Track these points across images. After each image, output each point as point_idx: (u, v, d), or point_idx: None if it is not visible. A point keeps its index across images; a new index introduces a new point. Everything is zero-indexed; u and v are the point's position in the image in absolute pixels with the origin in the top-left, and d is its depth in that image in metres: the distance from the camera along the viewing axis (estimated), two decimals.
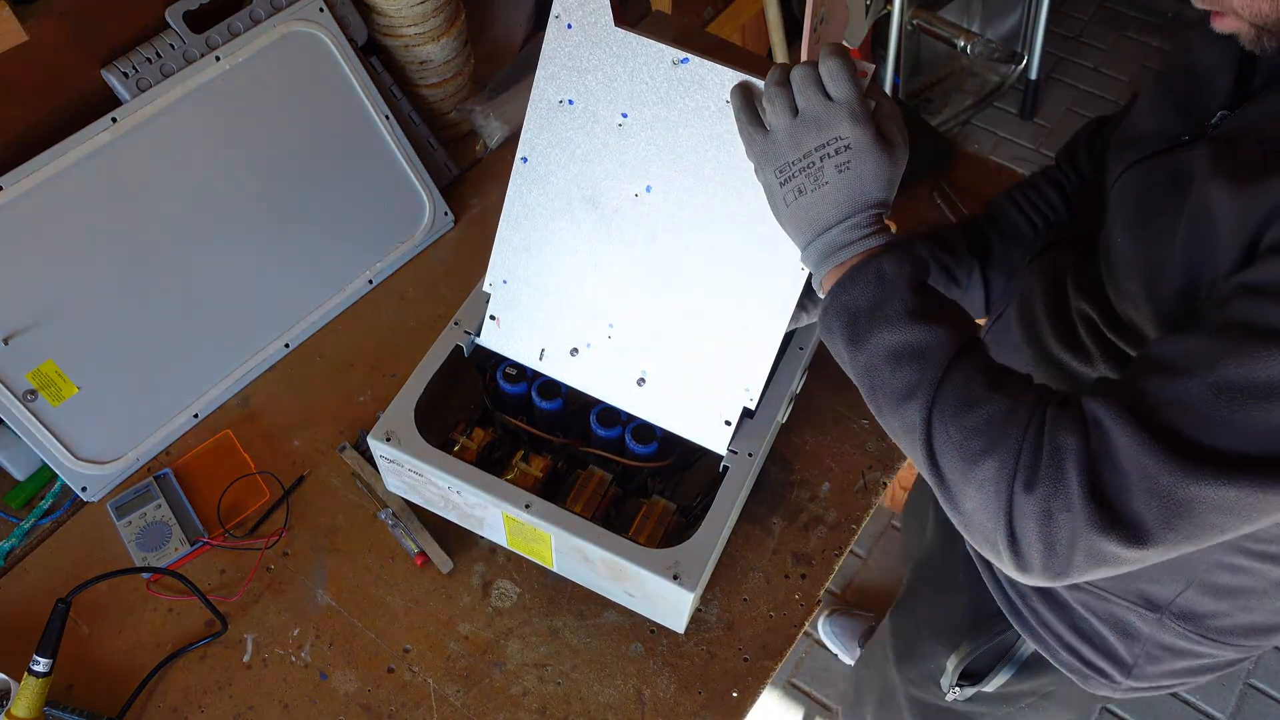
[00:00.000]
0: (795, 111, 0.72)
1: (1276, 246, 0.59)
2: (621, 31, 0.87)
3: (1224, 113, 0.72)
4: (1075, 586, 0.86)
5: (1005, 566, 0.64)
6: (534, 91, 0.90)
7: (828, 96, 0.71)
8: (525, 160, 0.93)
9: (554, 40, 0.88)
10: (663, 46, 0.86)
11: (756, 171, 0.76)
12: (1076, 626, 0.88)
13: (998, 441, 0.63)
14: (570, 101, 0.89)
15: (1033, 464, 0.62)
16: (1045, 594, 0.89)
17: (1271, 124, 0.66)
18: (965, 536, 0.67)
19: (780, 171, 0.73)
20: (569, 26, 0.88)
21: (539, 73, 0.90)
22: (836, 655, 1.88)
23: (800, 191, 0.72)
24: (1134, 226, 0.75)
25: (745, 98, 0.76)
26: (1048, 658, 0.92)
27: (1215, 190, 0.65)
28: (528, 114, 0.91)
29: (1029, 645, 0.94)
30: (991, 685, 0.98)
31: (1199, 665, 0.88)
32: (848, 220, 0.71)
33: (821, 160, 0.71)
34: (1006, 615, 0.94)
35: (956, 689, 1.01)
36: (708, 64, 0.84)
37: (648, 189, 0.89)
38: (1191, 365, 0.60)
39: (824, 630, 1.90)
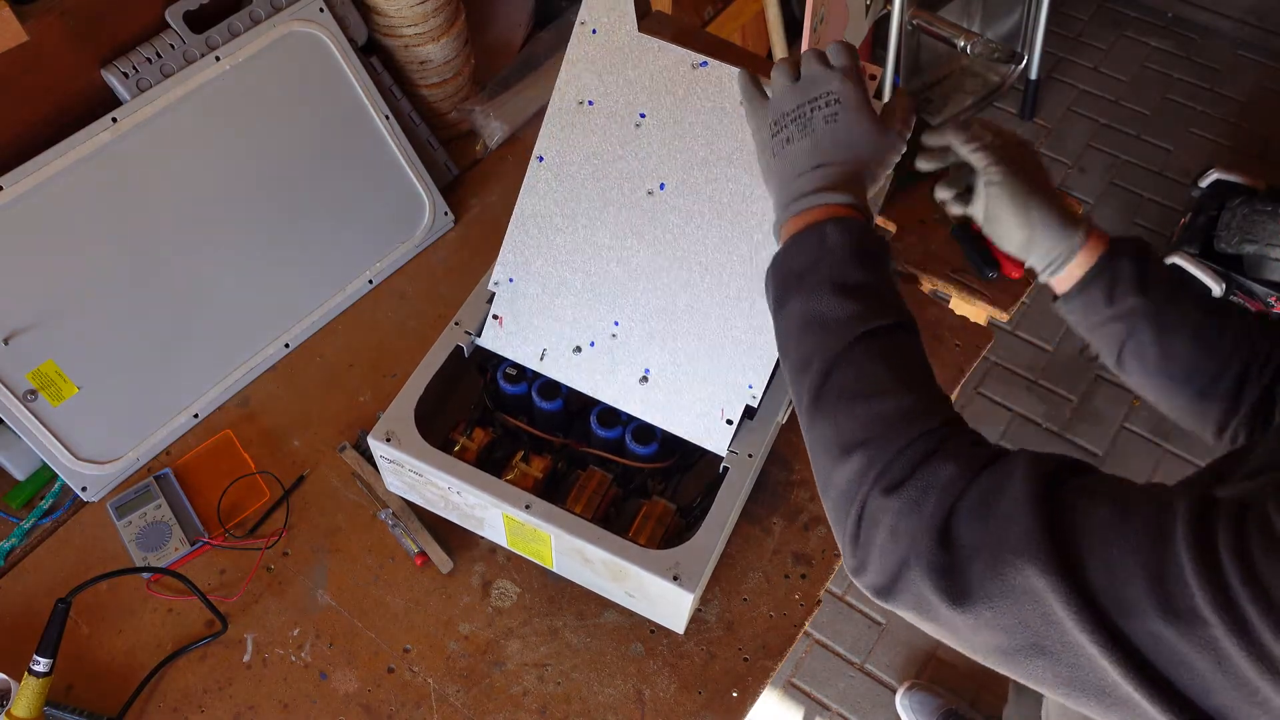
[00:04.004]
0: (797, 79, 0.76)
1: None
2: (644, 36, 0.91)
3: None
4: None
5: (845, 561, 0.63)
6: (555, 93, 0.93)
7: (829, 66, 0.75)
8: (541, 159, 0.95)
9: (578, 44, 0.92)
10: (684, 51, 0.90)
11: (754, 135, 0.79)
12: None
13: (878, 439, 0.61)
14: (590, 103, 0.92)
15: (901, 475, 0.59)
16: None
17: None
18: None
19: (775, 124, 0.76)
20: (594, 32, 0.92)
21: (561, 75, 0.92)
22: None
23: (789, 140, 0.75)
24: None
25: (751, 75, 0.81)
26: None
27: None
28: (547, 115, 0.93)
29: None
30: None
31: None
32: (820, 169, 0.72)
33: (813, 111, 0.74)
34: None
35: None
36: (726, 67, 0.87)
37: (661, 186, 0.91)
38: (1144, 499, 0.53)
39: (901, 704, 1.84)
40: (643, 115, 0.91)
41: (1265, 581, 0.48)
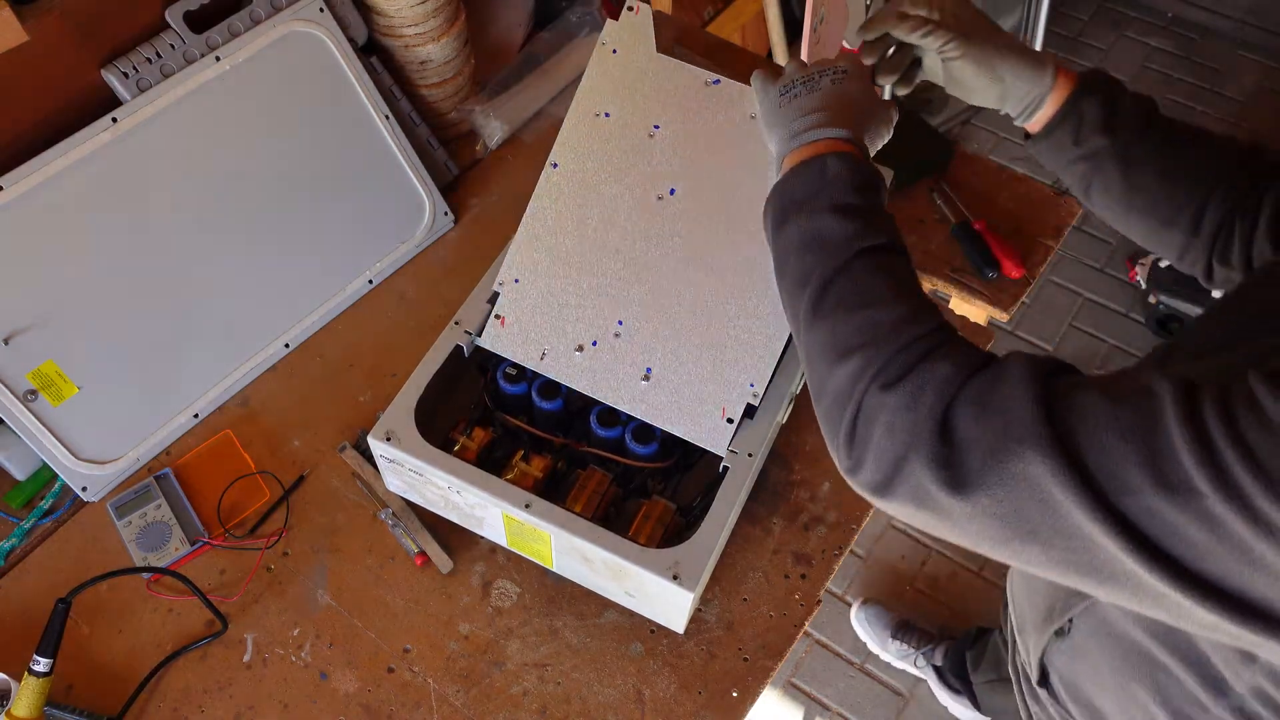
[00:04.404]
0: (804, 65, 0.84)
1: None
2: (662, 57, 0.99)
3: None
4: None
5: (840, 463, 0.65)
6: (573, 105, 0.99)
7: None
8: (555, 166, 0.98)
9: (598, 63, 0.99)
10: (699, 70, 0.97)
11: (761, 104, 0.84)
12: None
13: (874, 343, 0.64)
14: (607, 114, 0.98)
15: (899, 373, 0.62)
16: None
17: None
18: (823, 430, 0.68)
19: (784, 88, 0.82)
20: (614, 51, 0.99)
21: (580, 88, 0.99)
22: (868, 644, 1.88)
23: (796, 95, 0.80)
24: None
25: (766, 69, 0.87)
26: None
27: None
28: (564, 126, 0.98)
29: None
30: None
31: None
32: (824, 112, 0.78)
33: (820, 77, 0.81)
34: None
35: None
36: (737, 84, 0.95)
37: (671, 191, 0.95)
38: (1129, 389, 0.56)
39: (856, 618, 1.90)
40: (656, 127, 0.96)
41: (1255, 449, 0.51)
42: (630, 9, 1.01)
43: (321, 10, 1.15)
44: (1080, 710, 0.83)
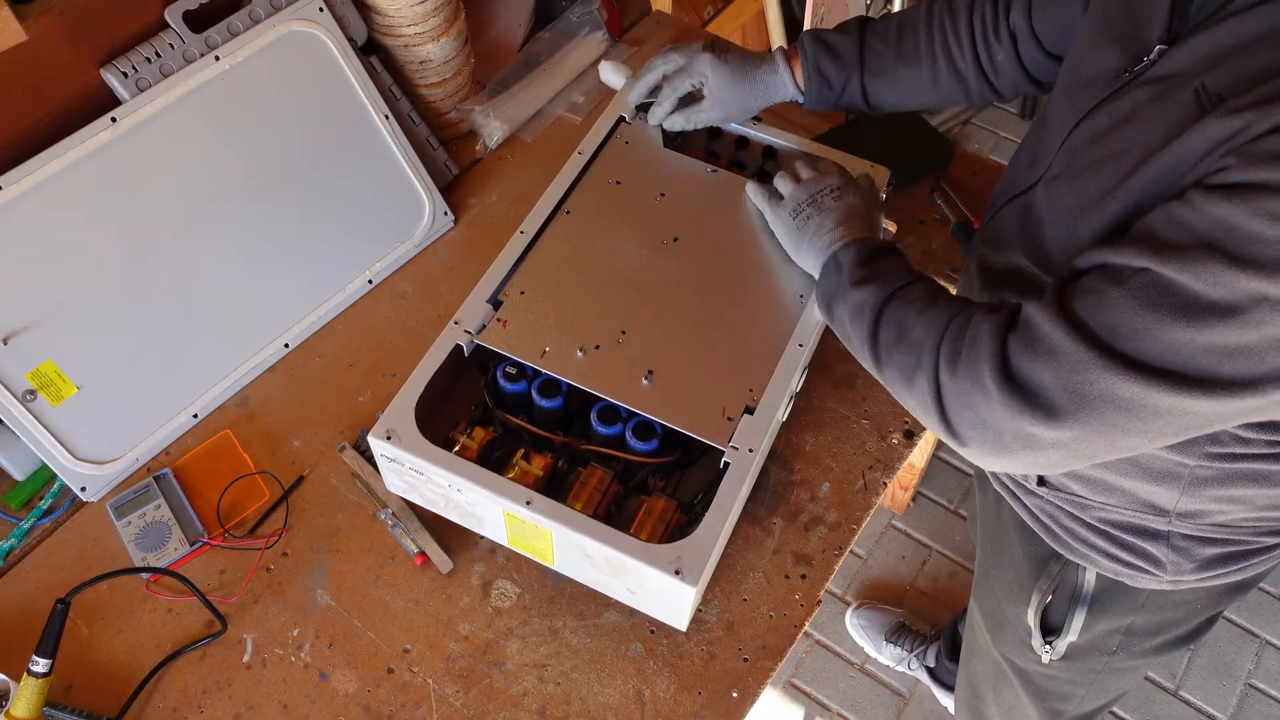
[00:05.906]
0: (798, 181, 1.01)
1: (1215, 184, 0.61)
2: (668, 151, 1.14)
3: (1161, 47, 0.71)
4: (1085, 506, 0.90)
5: (957, 449, 0.75)
6: (590, 172, 1.11)
7: (816, 170, 1.02)
8: (569, 213, 1.08)
9: (614, 149, 1.14)
10: (699, 162, 1.13)
11: (773, 222, 1.01)
12: (1107, 535, 0.91)
13: (922, 354, 0.77)
14: (618, 182, 1.11)
15: (951, 359, 0.74)
16: (1073, 516, 0.93)
17: (1207, 69, 0.66)
18: (931, 428, 0.79)
19: (794, 210, 0.99)
20: (626, 143, 1.15)
21: (598, 162, 1.13)
22: (864, 648, 1.88)
23: (809, 217, 0.97)
24: (1077, 177, 0.76)
25: (757, 182, 1.07)
26: (1095, 568, 0.95)
27: (1153, 135, 0.67)
28: (581, 185, 1.11)
29: (1089, 579, 0.96)
30: (1074, 631, 1.00)
31: (1237, 551, 0.88)
32: (839, 228, 0.95)
33: (822, 196, 0.98)
34: (1052, 545, 0.96)
35: (1047, 647, 1.03)
36: (734, 176, 1.11)
37: (675, 239, 1.06)
38: (1125, 276, 0.65)
39: (851, 623, 1.91)
40: (662, 194, 1.10)
41: (1240, 253, 0.59)
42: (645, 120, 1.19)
43: (321, 10, 1.15)
44: (1082, 485, 0.89)
